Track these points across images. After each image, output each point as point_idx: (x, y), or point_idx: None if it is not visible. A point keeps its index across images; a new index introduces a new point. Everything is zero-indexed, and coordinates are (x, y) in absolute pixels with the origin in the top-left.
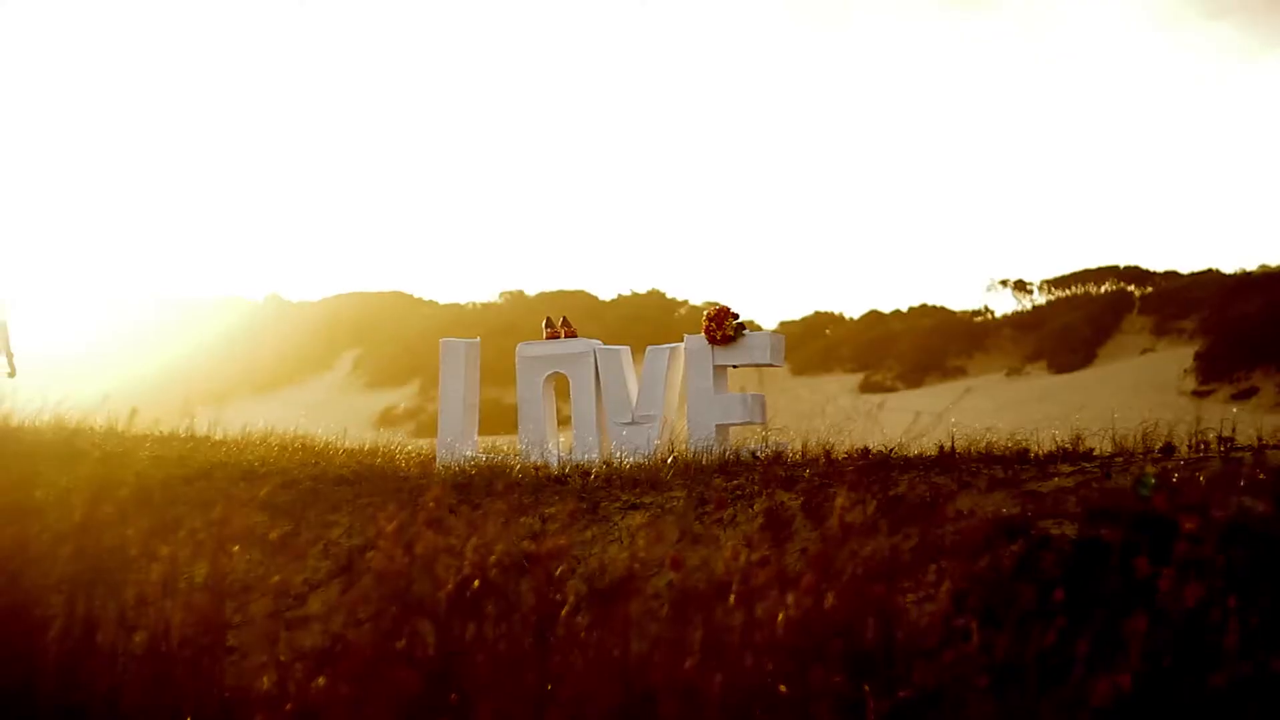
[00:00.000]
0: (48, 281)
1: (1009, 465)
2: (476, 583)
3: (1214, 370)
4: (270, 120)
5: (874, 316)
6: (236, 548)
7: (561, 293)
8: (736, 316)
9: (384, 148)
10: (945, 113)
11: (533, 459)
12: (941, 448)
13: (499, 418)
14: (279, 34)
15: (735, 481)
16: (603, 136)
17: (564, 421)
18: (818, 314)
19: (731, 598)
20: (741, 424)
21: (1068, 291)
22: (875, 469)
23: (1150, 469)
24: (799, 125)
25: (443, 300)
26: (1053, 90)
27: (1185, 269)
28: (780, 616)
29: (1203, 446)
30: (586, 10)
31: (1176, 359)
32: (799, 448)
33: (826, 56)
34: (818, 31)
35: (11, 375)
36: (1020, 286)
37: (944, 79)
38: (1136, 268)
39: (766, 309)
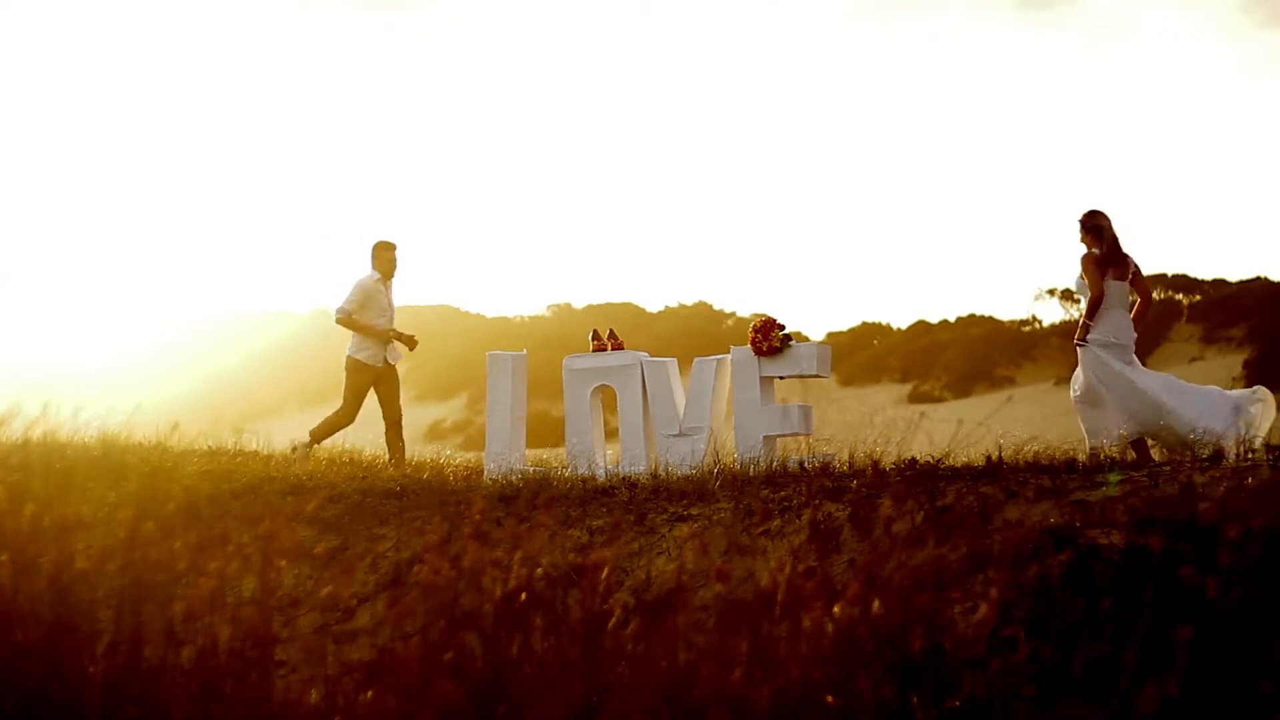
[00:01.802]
0: (95, 295)
1: (1056, 475)
2: (523, 595)
3: (1263, 378)
4: (316, 134)
5: (921, 326)
6: (284, 562)
7: (608, 305)
8: (783, 328)
9: (430, 160)
10: (992, 122)
11: (580, 471)
12: (989, 457)
13: (547, 430)
14: (322, 50)
15: (782, 493)
16: (649, 149)
17: (611, 434)
18: (865, 324)
19: (778, 609)
20: (788, 435)
21: None
22: (922, 479)
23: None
24: (845, 136)
25: (490, 313)
26: (1100, 98)
27: (1233, 277)
28: (827, 627)
29: (1251, 455)
30: (627, 25)
31: (1225, 367)
32: (846, 458)
33: (872, 66)
34: (862, 39)
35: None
36: (1068, 296)
37: (991, 88)
38: (1184, 276)
39: (813, 320)
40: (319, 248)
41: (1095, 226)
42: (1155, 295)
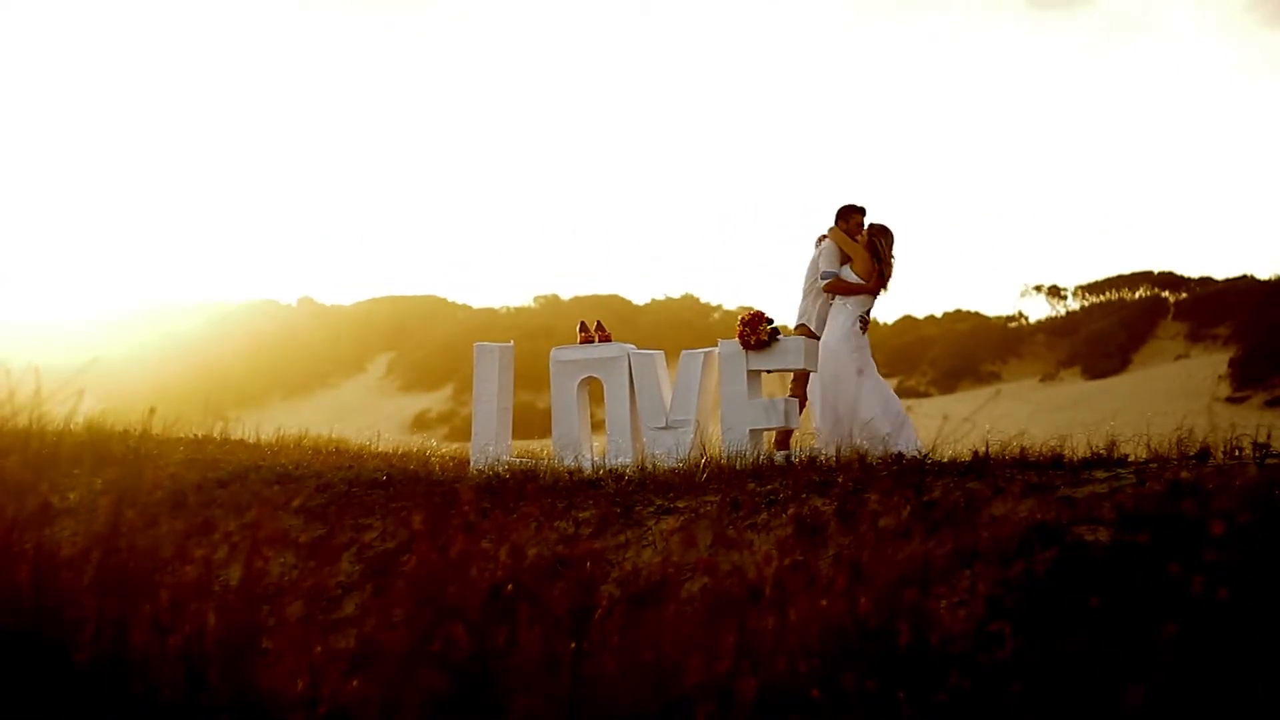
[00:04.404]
0: (81, 283)
1: (1043, 471)
2: (510, 586)
3: (1248, 376)
4: (305, 125)
5: (908, 322)
6: (270, 551)
7: (595, 297)
8: (770, 321)
9: (419, 151)
10: (980, 118)
11: (566, 463)
12: (975, 453)
13: (533, 422)
14: (313, 41)
15: (768, 486)
16: (638, 141)
17: (598, 426)
18: None
19: (764, 601)
20: (775, 428)
21: (1102, 297)
22: (909, 474)
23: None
24: (834, 130)
25: (477, 304)
26: (1089, 95)
27: (1220, 275)
28: (813, 621)
29: (1237, 453)
30: (616, 17)
31: (1211, 365)
32: (832, 453)
33: (860, 60)
34: (852, 34)
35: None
36: (1054, 292)
37: (980, 84)
38: (1171, 274)
39: None
40: (305, 238)
41: (884, 243)
42: (1141, 293)
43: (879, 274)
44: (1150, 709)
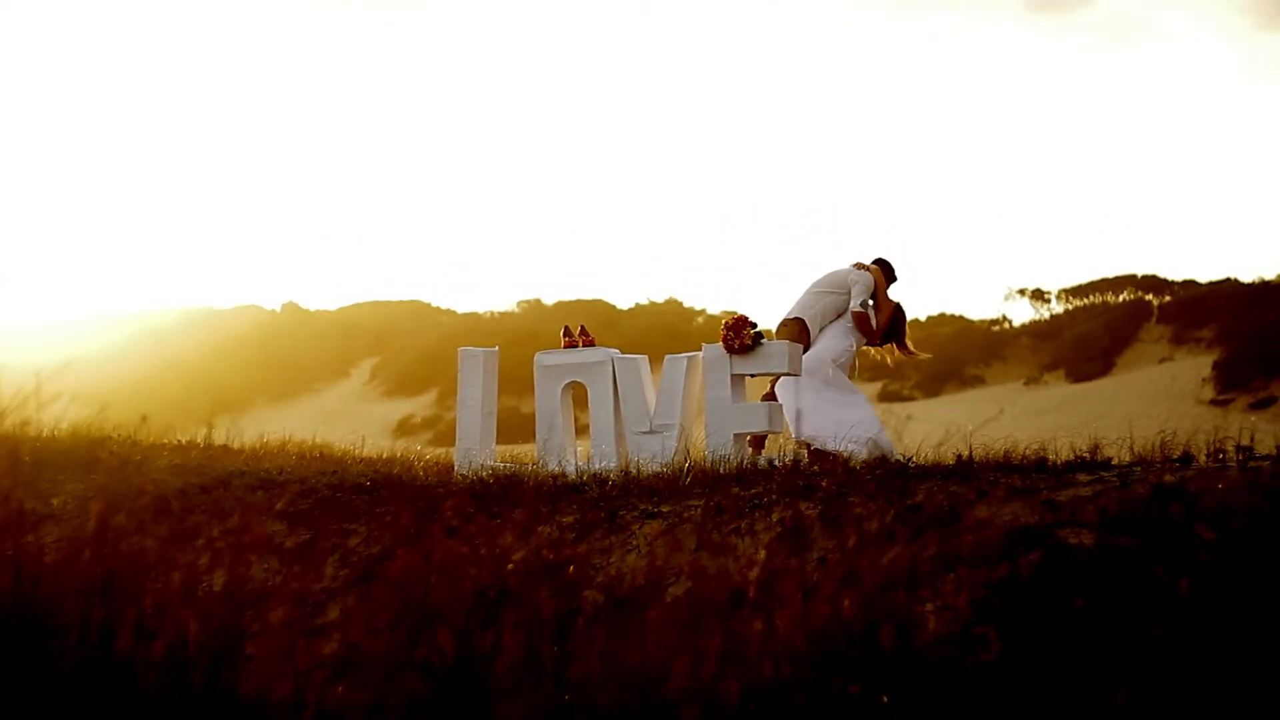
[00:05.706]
0: (65, 287)
1: (1027, 474)
2: (494, 591)
3: (1232, 379)
4: (287, 128)
5: None
6: (254, 556)
7: (579, 301)
8: (754, 325)
9: (402, 156)
10: (963, 121)
11: (550, 467)
12: (959, 457)
13: (517, 426)
14: (297, 43)
15: (753, 490)
16: (621, 145)
17: (582, 430)
18: None
19: (749, 606)
20: (759, 433)
21: (1086, 300)
22: (893, 478)
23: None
24: (817, 134)
25: (461, 309)
26: (1072, 98)
27: (1204, 278)
28: (798, 625)
29: (1221, 455)
30: (603, 19)
31: (1195, 368)
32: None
33: (843, 64)
34: (835, 38)
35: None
36: (1038, 295)
37: (977, 85)
38: (1154, 276)
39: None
40: (289, 242)
41: (903, 321)
42: (1126, 295)
43: (884, 336)
44: (1136, 711)
